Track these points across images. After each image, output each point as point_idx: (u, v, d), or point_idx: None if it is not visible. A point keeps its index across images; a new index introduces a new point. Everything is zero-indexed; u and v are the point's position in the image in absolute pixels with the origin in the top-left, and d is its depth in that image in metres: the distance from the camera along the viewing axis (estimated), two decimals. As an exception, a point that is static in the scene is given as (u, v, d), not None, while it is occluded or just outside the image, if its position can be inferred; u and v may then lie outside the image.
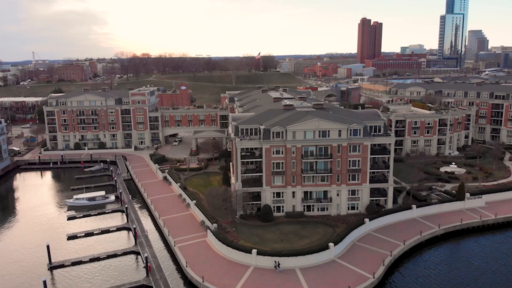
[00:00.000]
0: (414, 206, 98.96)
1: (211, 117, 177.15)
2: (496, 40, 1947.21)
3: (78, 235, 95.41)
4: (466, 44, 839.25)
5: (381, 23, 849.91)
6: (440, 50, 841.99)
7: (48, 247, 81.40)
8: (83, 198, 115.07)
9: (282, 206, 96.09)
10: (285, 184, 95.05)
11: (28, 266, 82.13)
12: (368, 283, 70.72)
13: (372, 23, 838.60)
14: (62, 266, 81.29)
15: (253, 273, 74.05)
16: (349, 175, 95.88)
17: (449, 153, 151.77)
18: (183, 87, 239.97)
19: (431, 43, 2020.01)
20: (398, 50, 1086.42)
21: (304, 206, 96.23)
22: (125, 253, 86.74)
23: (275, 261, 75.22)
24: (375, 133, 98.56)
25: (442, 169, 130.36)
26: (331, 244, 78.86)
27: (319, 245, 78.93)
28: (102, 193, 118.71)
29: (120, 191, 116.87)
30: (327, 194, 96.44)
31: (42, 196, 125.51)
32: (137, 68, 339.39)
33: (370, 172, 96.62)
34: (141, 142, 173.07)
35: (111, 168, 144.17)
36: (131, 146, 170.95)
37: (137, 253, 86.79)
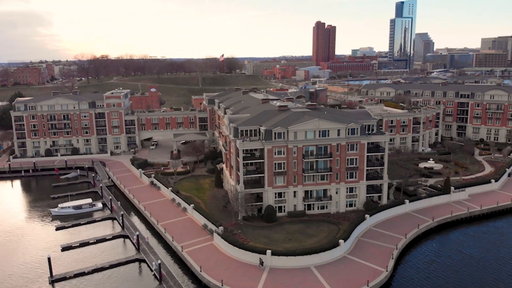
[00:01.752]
0: (407, 201, 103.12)
1: (189, 119, 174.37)
2: (441, 42, 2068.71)
3: (73, 246, 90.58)
4: (414, 46, 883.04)
5: (335, 27, 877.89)
6: (390, 52, 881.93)
7: (49, 259, 76.61)
8: (69, 207, 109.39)
9: (284, 206, 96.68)
10: (287, 184, 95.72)
11: (28, 280, 76.82)
12: (383, 276, 72.86)
13: (326, 26, 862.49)
14: (64, 279, 76.84)
15: (270, 274, 73.95)
16: (347, 173, 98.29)
17: (423, 150, 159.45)
18: (152, 89, 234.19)
19: (380, 45, 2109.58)
20: (349, 53, 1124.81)
21: (305, 205, 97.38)
22: (129, 262, 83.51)
23: (260, 259, 75.70)
24: (369, 132, 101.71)
25: (421, 165, 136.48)
26: (341, 241, 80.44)
27: (330, 242, 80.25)
28: (89, 200, 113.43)
29: (110, 197, 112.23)
30: (327, 192, 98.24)
31: (20, 207, 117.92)
32: (98, 70, 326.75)
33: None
34: (117, 146, 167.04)
35: (93, 175, 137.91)
36: (106, 151, 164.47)
37: (141, 261, 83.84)
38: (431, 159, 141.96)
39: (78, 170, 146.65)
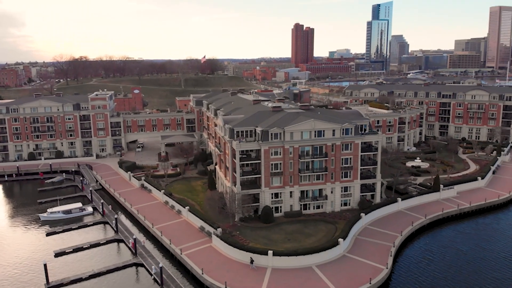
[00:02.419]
0: (399, 199, 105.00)
1: (176, 121, 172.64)
2: (415, 44, 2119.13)
3: (66, 251, 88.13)
4: (390, 48, 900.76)
5: (313, 29, 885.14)
6: (367, 54, 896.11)
7: (45, 266, 74.28)
8: (58, 212, 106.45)
9: (280, 206, 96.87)
10: (283, 184, 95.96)
11: (22, 287, 74.33)
12: (384, 274, 73.91)
13: (304, 28, 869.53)
14: (61, 285, 74.63)
15: (273, 274, 73.87)
16: (342, 173, 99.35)
17: (408, 149, 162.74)
18: (136, 91, 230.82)
19: (356, 47, 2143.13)
20: (326, 55, 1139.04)
21: (301, 205, 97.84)
22: (126, 266, 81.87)
23: (250, 257, 76.04)
24: (362, 132, 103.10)
25: (408, 164, 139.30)
26: (340, 240, 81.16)
27: (330, 242, 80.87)
28: (79, 205, 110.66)
29: (101, 201, 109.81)
30: (322, 192, 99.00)
31: (6, 212, 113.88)
32: (77, 72, 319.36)
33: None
34: (103, 149, 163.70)
35: (81, 179, 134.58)
36: (91, 154, 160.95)
37: (138, 265, 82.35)
38: (417, 158, 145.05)
39: (64, 174, 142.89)
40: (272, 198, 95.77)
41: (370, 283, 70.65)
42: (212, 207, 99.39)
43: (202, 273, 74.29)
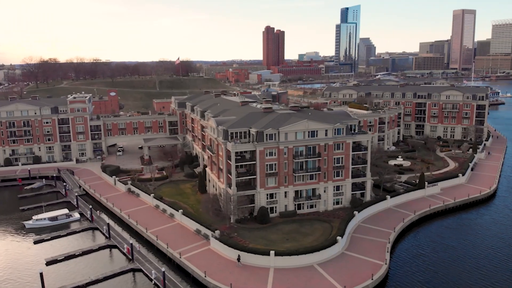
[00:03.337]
0: (388, 196, 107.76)
1: (158, 123, 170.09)
2: (382, 46, 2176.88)
3: (58, 259, 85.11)
4: (358, 51, 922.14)
5: (284, 31, 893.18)
6: (336, 56, 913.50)
7: (41, 274, 71.49)
8: (44, 218, 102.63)
9: (275, 207, 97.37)
10: (278, 185, 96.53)
11: (17, 299, 71.32)
12: (383, 269, 75.70)
13: (275, 31, 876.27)
14: (58, 294, 72.13)
15: (276, 274, 74.14)
16: (334, 172, 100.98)
17: (388, 148, 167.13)
18: (112, 93, 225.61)
19: (325, 50, 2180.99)
20: (296, 57, 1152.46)
21: (295, 205, 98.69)
22: (124, 272, 80.00)
23: (238, 255, 77.07)
24: (352, 132, 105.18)
25: (391, 163, 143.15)
26: (339, 238, 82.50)
27: (330, 240, 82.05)
28: (65, 211, 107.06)
29: (90, 207, 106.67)
30: (316, 191, 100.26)
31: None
32: (47, 75, 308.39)
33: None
34: (82, 153, 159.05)
35: (65, 184, 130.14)
36: (71, 159, 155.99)
37: (136, 271, 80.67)
38: (399, 156, 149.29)
39: (44, 179, 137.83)
40: (267, 198, 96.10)
41: (372, 279, 72.18)
42: (205, 209, 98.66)
43: (205, 276, 73.63)
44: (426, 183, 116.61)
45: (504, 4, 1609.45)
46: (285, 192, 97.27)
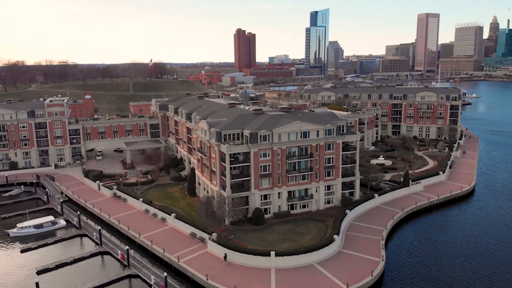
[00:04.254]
0: (376, 195, 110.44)
1: (139, 126, 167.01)
2: (349, 49, 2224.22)
3: (49, 268, 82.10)
4: (327, 54, 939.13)
5: (255, 34, 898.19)
6: (306, 59, 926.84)
7: (37, 284, 68.87)
8: (29, 226, 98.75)
9: (269, 208, 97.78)
10: (272, 185, 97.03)
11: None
12: (381, 266, 77.59)
13: (246, 33, 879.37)
14: (55, 304, 69.59)
15: (278, 275, 74.50)
16: (325, 172, 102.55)
17: (367, 148, 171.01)
18: (87, 96, 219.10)
19: (295, 53, 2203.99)
20: (267, 60, 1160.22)
21: (289, 205, 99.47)
22: (121, 279, 78.16)
23: (225, 253, 78.26)
24: (341, 132, 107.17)
25: (373, 162, 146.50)
26: (336, 236, 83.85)
27: (327, 239, 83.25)
28: (50, 218, 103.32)
29: (78, 213, 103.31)
30: (308, 191, 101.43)
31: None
32: (15, 78, 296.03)
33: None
34: (61, 159, 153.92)
35: (47, 190, 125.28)
36: (49, 164, 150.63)
37: (133, 277, 78.99)
38: (380, 156, 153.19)
39: (22, 186, 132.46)
40: (261, 200, 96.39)
41: (372, 275, 73.80)
42: (198, 212, 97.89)
43: (207, 279, 73.06)
44: (410, 181, 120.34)
45: (467, 8, 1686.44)
46: (279, 193, 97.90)
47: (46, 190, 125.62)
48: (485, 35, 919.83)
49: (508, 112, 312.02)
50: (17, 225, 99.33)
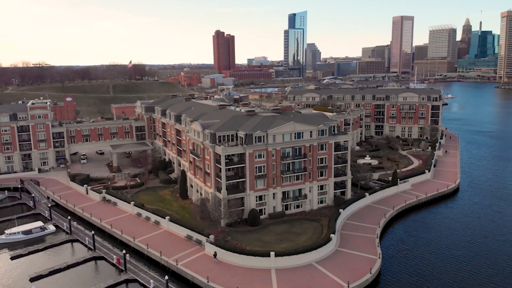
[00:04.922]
0: (367, 194, 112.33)
1: (124, 129, 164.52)
2: (326, 51, 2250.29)
3: (43, 274, 79.93)
4: (306, 56, 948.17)
5: (234, 36, 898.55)
6: (285, 61, 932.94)
7: (34, 291, 67.01)
8: (18, 232, 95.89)
9: (264, 209, 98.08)
10: (267, 186, 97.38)
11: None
12: (379, 263, 79.03)
13: (225, 35, 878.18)
14: (53, 311, 67.85)
15: (278, 275, 74.82)
16: (319, 172, 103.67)
17: (353, 148, 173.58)
18: (68, 99, 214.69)
19: (273, 55, 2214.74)
20: (245, 62, 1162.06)
21: (283, 205, 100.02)
22: (118, 284, 76.84)
23: (215, 252, 79.20)
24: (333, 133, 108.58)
25: (360, 161, 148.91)
26: (332, 235, 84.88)
27: (325, 238, 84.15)
28: (39, 224, 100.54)
29: (68, 218, 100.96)
30: (302, 191, 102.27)
31: None
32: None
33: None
34: (44, 163, 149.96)
35: (33, 195, 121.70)
36: (32, 168, 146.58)
37: (131, 281, 77.82)
38: (367, 156, 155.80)
39: (6, 191, 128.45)
40: (256, 200, 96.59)
41: (370, 273, 75.07)
42: (193, 215, 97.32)
43: (208, 281, 72.72)
44: (398, 179, 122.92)
45: (440, 10, 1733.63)
46: (274, 194, 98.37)
47: (32, 195, 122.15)
48: (458, 37, 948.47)
49: (483, 112, 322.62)
50: (5, 231, 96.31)
